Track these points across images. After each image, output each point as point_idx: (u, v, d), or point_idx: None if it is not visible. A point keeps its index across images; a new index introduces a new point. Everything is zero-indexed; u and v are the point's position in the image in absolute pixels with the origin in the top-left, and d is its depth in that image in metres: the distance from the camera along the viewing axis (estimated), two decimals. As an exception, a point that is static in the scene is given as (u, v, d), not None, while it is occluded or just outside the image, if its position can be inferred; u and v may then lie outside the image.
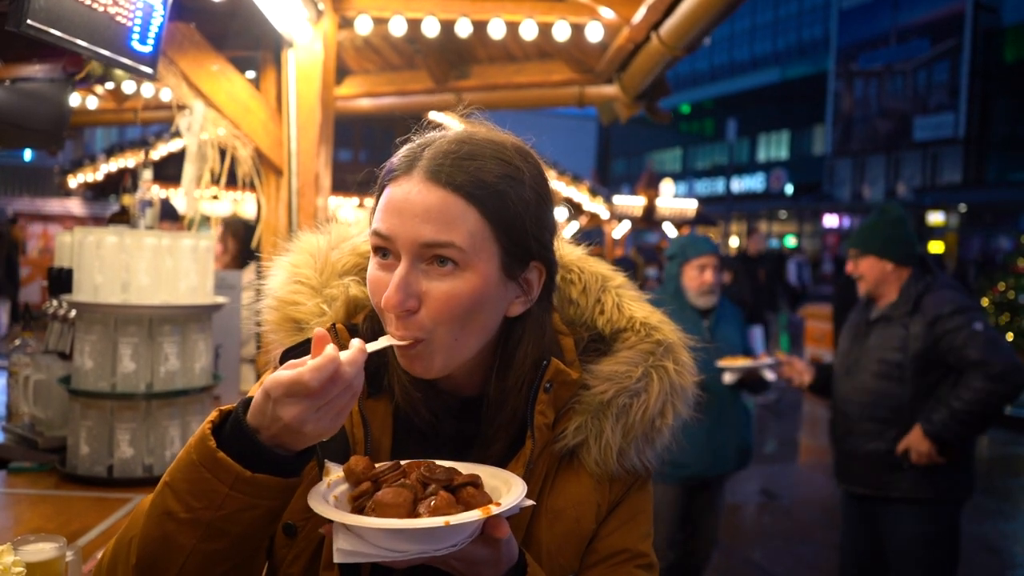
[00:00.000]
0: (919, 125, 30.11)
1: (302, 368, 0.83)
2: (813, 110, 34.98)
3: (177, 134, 3.99)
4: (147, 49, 2.11)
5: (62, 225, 11.18)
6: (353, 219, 1.19)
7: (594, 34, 4.34)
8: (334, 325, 1.03)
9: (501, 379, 1.02)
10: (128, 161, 11.83)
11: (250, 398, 0.89)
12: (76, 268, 2.52)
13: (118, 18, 1.96)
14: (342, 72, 5.50)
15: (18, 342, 3.09)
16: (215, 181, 3.80)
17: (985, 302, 12.26)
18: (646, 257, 13.58)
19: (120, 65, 2.01)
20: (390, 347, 0.97)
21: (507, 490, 0.91)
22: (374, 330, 1.03)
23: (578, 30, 4.36)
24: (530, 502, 0.92)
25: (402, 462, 0.94)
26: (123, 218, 3.16)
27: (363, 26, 4.35)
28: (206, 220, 4.65)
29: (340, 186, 4.73)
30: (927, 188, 29.42)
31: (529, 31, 4.35)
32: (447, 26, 4.35)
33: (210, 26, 3.64)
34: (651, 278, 12.00)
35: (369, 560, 0.85)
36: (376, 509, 0.85)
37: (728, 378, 3.50)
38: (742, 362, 3.53)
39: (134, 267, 2.43)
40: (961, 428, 3.04)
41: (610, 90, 5.10)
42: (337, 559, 0.85)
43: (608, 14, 4.18)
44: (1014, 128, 27.82)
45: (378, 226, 0.95)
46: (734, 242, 24.43)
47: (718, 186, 38.72)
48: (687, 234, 3.81)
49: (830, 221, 31.43)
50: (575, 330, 1.10)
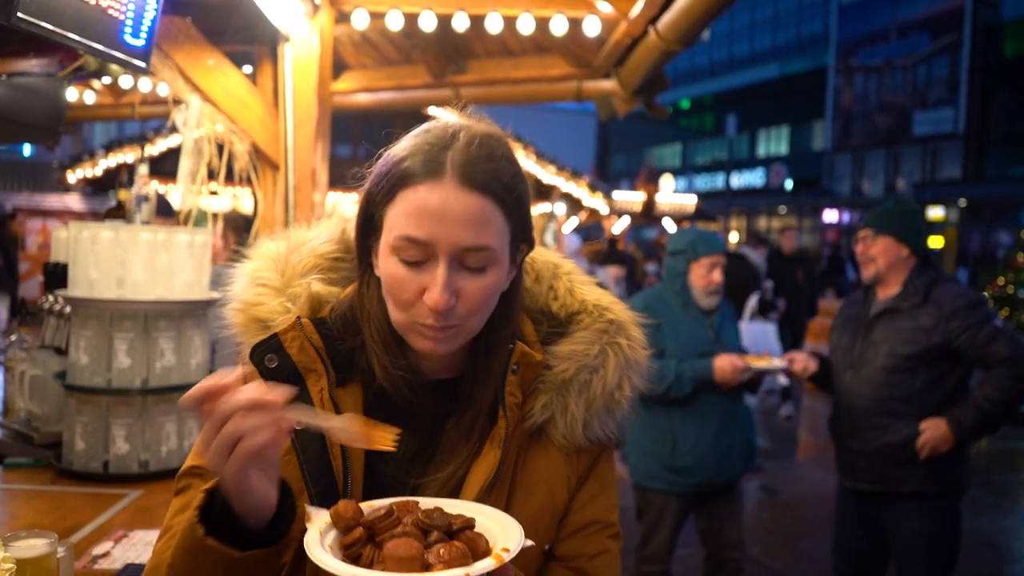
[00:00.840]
0: (919, 120, 30.04)
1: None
2: (813, 105, 34.89)
3: (174, 129, 3.98)
4: (140, 43, 2.09)
5: (61, 221, 11.16)
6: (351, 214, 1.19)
7: (592, 28, 4.32)
8: (299, 318, 1.06)
9: (485, 355, 1.08)
10: (127, 156, 11.82)
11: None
12: (71, 263, 2.51)
13: (110, 11, 1.95)
14: (339, 67, 5.49)
15: (14, 337, 3.10)
16: (213, 176, 3.79)
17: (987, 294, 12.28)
18: (645, 252, 13.55)
19: (112, 59, 2.00)
20: (388, 330, 1.04)
21: (500, 530, 0.92)
22: (344, 323, 1.09)
23: (575, 24, 4.35)
24: (531, 543, 0.93)
25: (392, 504, 0.93)
26: (119, 213, 3.16)
27: (360, 20, 4.33)
28: (204, 216, 4.64)
29: (338, 181, 4.72)
30: (927, 183, 29.36)
31: (526, 25, 4.35)
32: (444, 20, 4.34)
33: (206, 20, 3.63)
34: (650, 274, 11.94)
35: None
36: (388, 564, 0.85)
37: (745, 377, 3.38)
38: (763, 362, 3.41)
39: (129, 262, 2.42)
40: (987, 428, 3.06)
41: (608, 85, 5.10)
42: None
43: (606, 8, 4.17)
44: (1014, 123, 27.77)
45: (414, 232, 0.97)
46: (733, 237, 24.44)
47: (718, 181, 38.64)
48: (694, 229, 3.63)
49: (830, 216, 31.38)
50: (532, 316, 1.16)
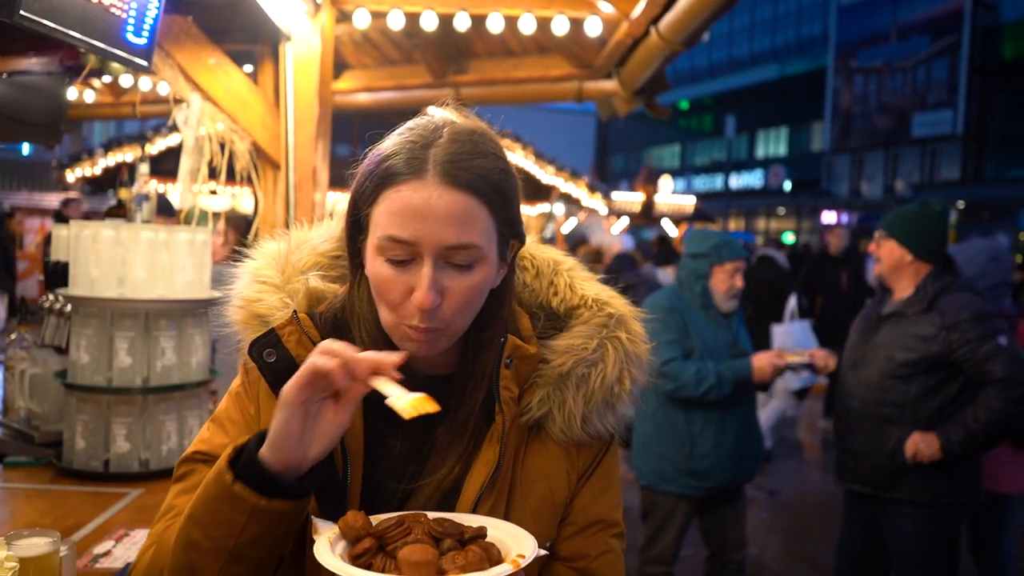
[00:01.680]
0: (918, 122, 30.04)
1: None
2: (812, 106, 34.89)
3: (175, 128, 3.97)
4: (142, 41, 2.09)
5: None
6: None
7: (593, 28, 4.32)
8: (295, 313, 1.06)
9: (475, 351, 1.08)
10: (126, 156, 11.81)
11: (263, 432, 0.95)
12: (72, 262, 2.50)
13: (112, 9, 1.94)
14: (340, 66, 5.49)
15: (14, 336, 3.09)
16: (213, 176, 3.78)
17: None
18: (644, 253, 13.54)
19: (114, 57, 2.00)
20: (377, 331, 1.05)
21: (511, 539, 0.92)
22: (335, 320, 1.10)
23: (577, 24, 4.35)
24: (544, 552, 0.94)
25: (400, 515, 0.94)
26: (119, 212, 3.15)
27: (361, 20, 4.33)
28: (205, 215, 4.63)
29: (338, 181, 4.73)
30: (925, 185, 29.37)
31: (528, 25, 4.34)
32: (445, 20, 4.33)
33: (207, 19, 3.63)
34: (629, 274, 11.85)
35: None
36: (403, 569, 0.85)
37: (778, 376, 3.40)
38: (795, 358, 3.38)
39: (130, 261, 2.42)
40: (976, 448, 2.98)
41: (609, 85, 5.09)
42: None
43: (607, 8, 4.17)
44: (1012, 125, 27.76)
45: (398, 232, 0.97)
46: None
47: (716, 182, 38.64)
48: (716, 232, 3.58)
49: (828, 217, 31.35)
50: (531, 311, 1.15)
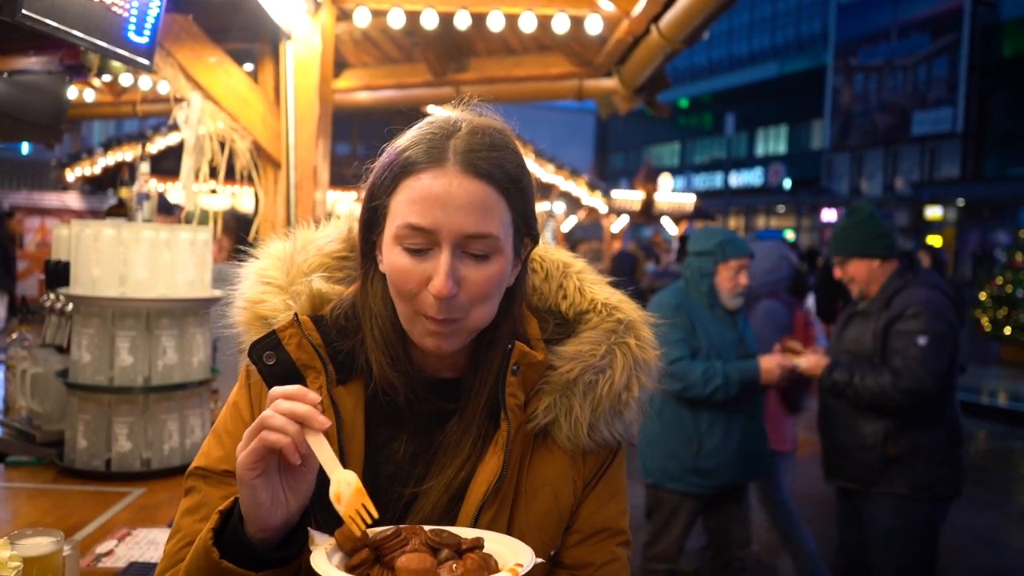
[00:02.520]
0: (918, 120, 30.02)
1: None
2: (811, 105, 34.86)
3: (175, 127, 3.97)
4: (143, 40, 2.09)
5: (59, 219, 11.13)
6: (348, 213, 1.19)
7: (593, 27, 4.32)
8: (296, 315, 1.05)
9: (487, 352, 1.06)
10: (126, 155, 11.82)
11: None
12: (73, 261, 2.50)
13: (114, 8, 1.94)
14: (340, 65, 5.49)
15: (15, 336, 3.09)
16: (214, 175, 3.78)
17: (983, 296, 12.30)
18: (645, 252, 13.53)
19: (116, 56, 2.00)
20: (391, 328, 1.03)
21: (508, 551, 0.91)
22: (346, 319, 1.08)
23: (577, 23, 4.35)
24: (541, 560, 0.93)
25: (397, 526, 0.94)
26: (120, 211, 3.15)
27: (361, 18, 4.33)
28: (206, 215, 4.63)
29: (338, 180, 4.73)
30: (925, 183, 29.37)
31: (528, 23, 4.34)
32: (446, 19, 4.33)
33: (208, 18, 3.62)
34: (649, 273, 11.88)
35: None
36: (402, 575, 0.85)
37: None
38: (801, 360, 3.40)
39: (132, 260, 2.42)
40: (848, 399, 3.16)
41: (609, 83, 5.09)
42: None
43: (607, 7, 4.17)
44: (1012, 123, 27.76)
45: (417, 220, 0.96)
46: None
47: (716, 180, 38.62)
48: (720, 229, 3.58)
49: (828, 216, 31.35)
50: (540, 315, 1.13)
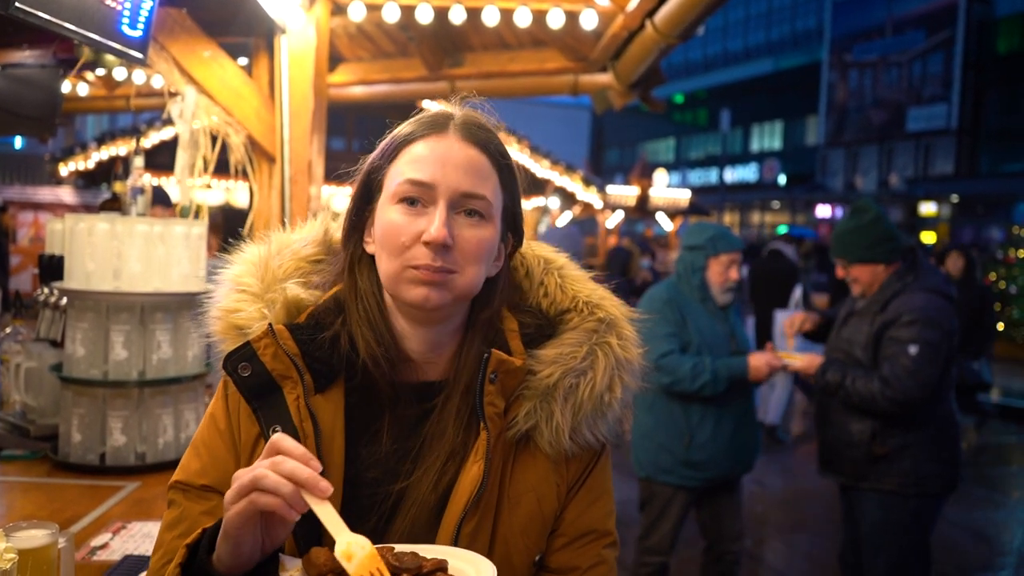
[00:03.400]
0: (912, 116, 30.09)
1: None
2: (806, 100, 34.91)
3: (169, 121, 3.96)
4: (137, 34, 2.09)
5: (53, 213, 11.08)
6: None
7: (588, 21, 4.31)
8: (271, 326, 1.04)
9: (465, 336, 1.07)
10: (119, 149, 11.77)
11: (215, 528, 0.92)
12: (67, 255, 2.50)
13: (107, 2, 1.94)
14: (334, 60, 5.47)
15: (9, 330, 3.08)
16: (208, 169, 3.77)
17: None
18: (640, 247, 13.53)
19: (110, 50, 1.99)
20: (378, 312, 1.05)
21: (474, 571, 0.90)
22: (318, 325, 1.07)
23: (572, 17, 4.34)
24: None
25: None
26: (115, 205, 3.14)
27: (356, 12, 4.32)
28: (199, 209, 4.62)
29: (333, 175, 4.73)
30: (919, 179, 29.45)
31: (523, 18, 4.33)
32: (441, 13, 4.32)
33: (202, 11, 3.61)
34: (644, 268, 11.87)
35: None
36: None
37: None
38: (793, 358, 3.41)
39: (126, 254, 2.41)
40: (839, 399, 3.19)
41: (604, 78, 5.08)
42: None
43: (602, 1, 4.16)
44: (1006, 119, 27.83)
45: (417, 175, 1.01)
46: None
47: (711, 176, 38.67)
48: (712, 224, 3.58)
49: (822, 211, 31.42)
50: (520, 314, 1.13)
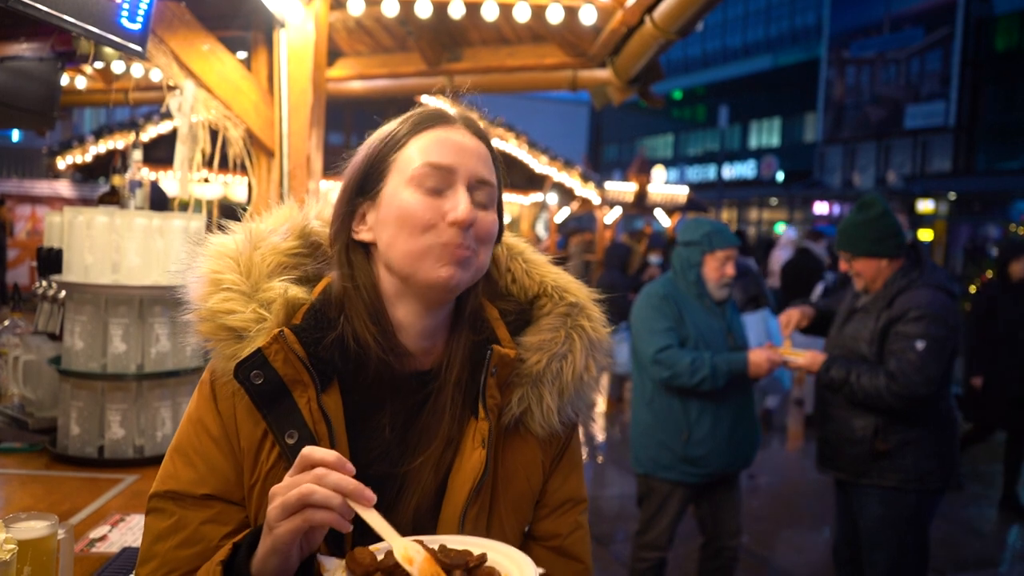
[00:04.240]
0: (910, 113, 30.08)
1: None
2: (805, 97, 34.87)
3: (167, 115, 3.95)
4: (136, 27, 2.08)
5: (51, 207, 11.07)
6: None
7: (587, 17, 4.32)
8: (282, 331, 1.04)
9: (456, 333, 1.11)
10: (117, 143, 11.76)
11: (255, 534, 0.96)
12: (66, 248, 2.49)
13: (108, -6, 1.94)
14: (333, 54, 5.47)
15: (7, 323, 3.08)
16: (207, 163, 3.76)
17: (973, 289, 12.36)
18: (651, 243, 13.44)
19: (108, 43, 1.99)
20: (377, 299, 1.08)
21: (511, 563, 0.94)
22: (320, 324, 1.07)
23: (571, 13, 4.35)
24: (542, 571, 0.95)
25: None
26: (113, 198, 3.14)
27: (355, 7, 4.32)
28: (199, 204, 4.61)
29: (331, 169, 4.73)
30: (917, 176, 29.44)
31: (522, 13, 4.34)
32: (440, 8, 4.32)
33: (201, 5, 3.61)
34: (654, 264, 11.72)
35: None
36: None
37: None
38: (793, 355, 3.39)
39: (125, 247, 2.41)
40: (839, 394, 3.20)
41: (603, 74, 5.09)
42: None
43: (602, -3, 4.16)
44: (1004, 117, 27.84)
45: (439, 159, 1.05)
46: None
47: (709, 172, 38.65)
48: (708, 220, 3.58)
49: (820, 208, 31.43)
50: (497, 302, 1.17)
